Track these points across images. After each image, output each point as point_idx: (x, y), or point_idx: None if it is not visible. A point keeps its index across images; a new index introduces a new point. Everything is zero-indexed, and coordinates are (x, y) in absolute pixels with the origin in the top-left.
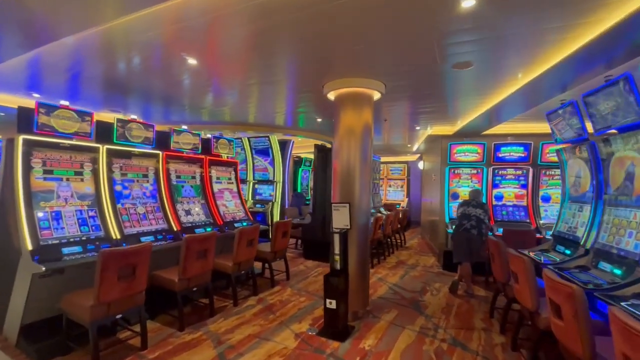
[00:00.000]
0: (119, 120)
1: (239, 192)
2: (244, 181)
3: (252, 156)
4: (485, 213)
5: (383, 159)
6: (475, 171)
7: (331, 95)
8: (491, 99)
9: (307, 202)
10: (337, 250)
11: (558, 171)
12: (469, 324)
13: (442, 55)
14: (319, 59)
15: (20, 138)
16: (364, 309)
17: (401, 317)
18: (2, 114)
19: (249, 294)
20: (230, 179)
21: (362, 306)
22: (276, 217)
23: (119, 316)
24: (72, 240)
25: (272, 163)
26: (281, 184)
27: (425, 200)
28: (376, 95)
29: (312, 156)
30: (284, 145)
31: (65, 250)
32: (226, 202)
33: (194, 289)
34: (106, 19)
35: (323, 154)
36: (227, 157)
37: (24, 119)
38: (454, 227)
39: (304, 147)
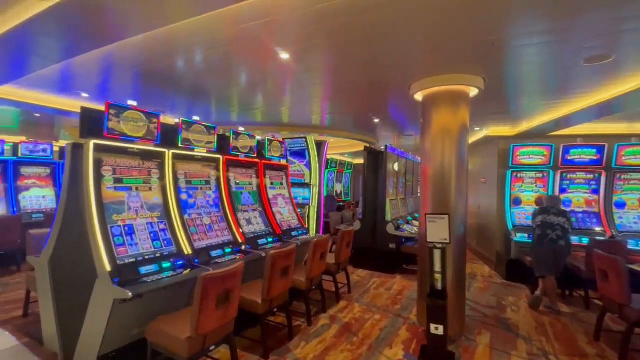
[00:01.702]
0: (184, 122)
1: (290, 198)
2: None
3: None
4: (568, 222)
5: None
6: (540, 175)
7: (419, 96)
8: (599, 95)
9: (339, 205)
10: (437, 267)
11: (635, 175)
12: (577, 350)
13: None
14: (409, 57)
15: (92, 143)
16: (460, 332)
17: (498, 340)
18: (38, 114)
19: (317, 310)
20: (282, 183)
21: (459, 329)
22: (313, 222)
23: (212, 348)
24: (147, 257)
25: (309, 165)
26: (317, 187)
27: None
28: (473, 92)
29: (338, 157)
30: (318, 146)
31: (142, 269)
32: (280, 209)
33: (275, 310)
34: (171, 20)
35: (373, 157)
36: (280, 160)
37: (91, 122)
38: (530, 236)
39: (330, 149)
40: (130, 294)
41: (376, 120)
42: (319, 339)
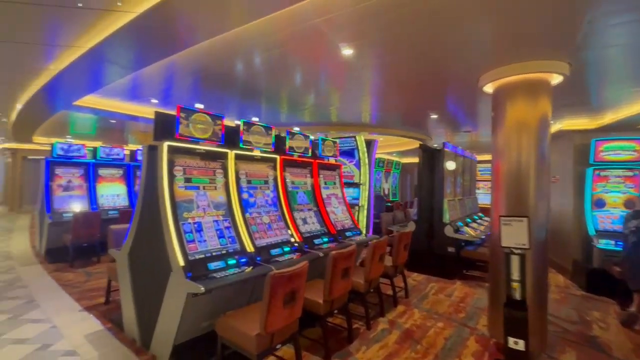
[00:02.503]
0: (244, 123)
1: (343, 197)
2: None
3: None
4: None
5: None
6: (631, 173)
7: (489, 88)
8: None
9: (387, 205)
10: (515, 275)
11: None
12: None
13: None
14: (479, 45)
15: (165, 145)
16: (541, 349)
17: None
18: (114, 120)
19: (374, 314)
20: (335, 183)
21: (540, 345)
22: (362, 223)
23: (278, 346)
24: (214, 254)
25: (358, 165)
26: (367, 187)
27: None
28: (556, 80)
29: (385, 157)
30: (368, 145)
31: (211, 265)
32: (334, 208)
33: (335, 311)
34: (235, 24)
35: (429, 155)
36: (333, 159)
37: (163, 125)
38: (618, 243)
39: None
40: (202, 288)
41: (433, 117)
42: (380, 344)
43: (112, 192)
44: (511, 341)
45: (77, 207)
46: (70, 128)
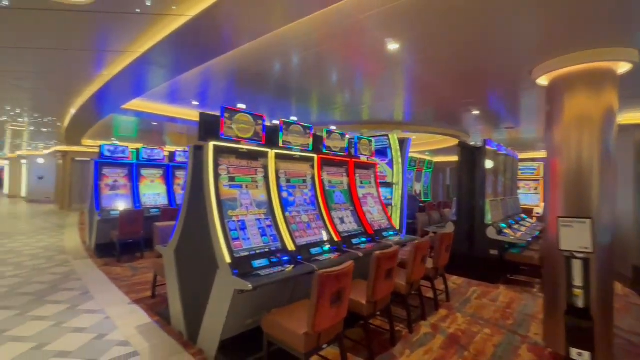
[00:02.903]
0: (284, 122)
1: (379, 197)
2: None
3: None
4: None
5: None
6: None
7: (543, 80)
8: None
9: (420, 205)
10: (578, 281)
11: None
12: None
13: None
14: (533, 34)
15: (211, 145)
16: None
17: None
18: (155, 123)
19: (415, 317)
20: (370, 182)
21: (606, 359)
22: (396, 224)
23: (324, 346)
24: (258, 252)
25: (391, 164)
26: (400, 186)
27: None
28: (623, 69)
29: (417, 156)
30: (401, 144)
31: (255, 263)
32: (370, 208)
33: (378, 312)
34: (280, 24)
35: (469, 153)
36: (368, 158)
37: (207, 125)
38: None
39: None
40: (250, 285)
41: (474, 113)
42: (424, 348)
43: (153, 191)
44: (574, 352)
45: (122, 205)
46: (114, 131)
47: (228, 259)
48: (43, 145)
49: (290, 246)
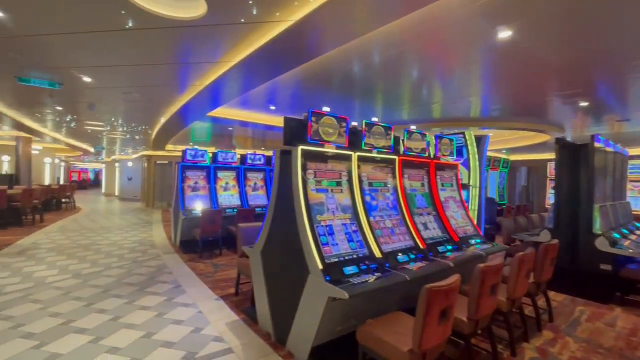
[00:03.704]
0: (367, 124)
1: (462, 200)
2: None
3: None
4: None
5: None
6: None
7: None
8: None
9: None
10: None
11: None
12: None
13: None
14: None
15: (299, 149)
16: None
17: None
18: (231, 128)
19: (516, 338)
20: (452, 185)
21: None
22: None
23: None
24: (347, 258)
25: (467, 164)
26: (477, 188)
27: None
28: None
29: (491, 154)
30: (478, 142)
31: (346, 270)
32: (453, 213)
33: (479, 331)
34: (375, 25)
35: (569, 150)
36: (450, 159)
37: (294, 129)
38: None
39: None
40: (347, 294)
41: (583, 104)
42: None
43: (228, 193)
44: None
45: (202, 205)
46: (191, 136)
47: (320, 265)
48: (132, 150)
49: (377, 253)
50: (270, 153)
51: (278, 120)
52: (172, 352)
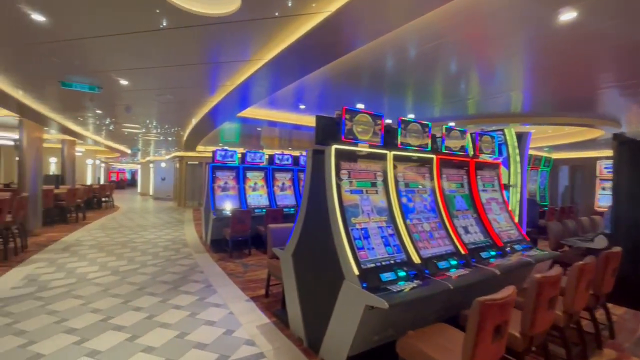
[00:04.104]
0: (402, 121)
1: (504, 202)
2: None
3: None
4: None
5: None
6: None
7: None
8: None
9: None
10: None
11: None
12: None
13: None
14: None
15: (333, 148)
16: None
17: None
18: (259, 128)
19: (574, 355)
20: (494, 185)
21: None
22: None
23: None
24: (384, 263)
25: (507, 163)
26: (518, 189)
27: None
28: None
29: (531, 152)
30: (519, 139)
31: (383, 276)
32: (495, 215)
33: (533, 348)
34: (398, 23)
35: (630, 148)
36: (491, 157)
37: (326, 128)
38: None
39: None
40: (386, 303)
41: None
42: None
43: (257, 193)
44: None
45: (231, 205)
46: (221, 137)
47: (356, 271)
48: (165, 151)
49: (416, 258)
50: (297, 153)
51: (305, 120)
52: (205, 355)
